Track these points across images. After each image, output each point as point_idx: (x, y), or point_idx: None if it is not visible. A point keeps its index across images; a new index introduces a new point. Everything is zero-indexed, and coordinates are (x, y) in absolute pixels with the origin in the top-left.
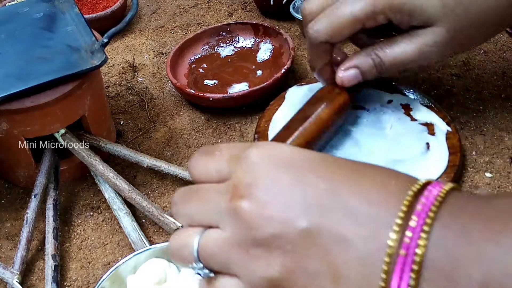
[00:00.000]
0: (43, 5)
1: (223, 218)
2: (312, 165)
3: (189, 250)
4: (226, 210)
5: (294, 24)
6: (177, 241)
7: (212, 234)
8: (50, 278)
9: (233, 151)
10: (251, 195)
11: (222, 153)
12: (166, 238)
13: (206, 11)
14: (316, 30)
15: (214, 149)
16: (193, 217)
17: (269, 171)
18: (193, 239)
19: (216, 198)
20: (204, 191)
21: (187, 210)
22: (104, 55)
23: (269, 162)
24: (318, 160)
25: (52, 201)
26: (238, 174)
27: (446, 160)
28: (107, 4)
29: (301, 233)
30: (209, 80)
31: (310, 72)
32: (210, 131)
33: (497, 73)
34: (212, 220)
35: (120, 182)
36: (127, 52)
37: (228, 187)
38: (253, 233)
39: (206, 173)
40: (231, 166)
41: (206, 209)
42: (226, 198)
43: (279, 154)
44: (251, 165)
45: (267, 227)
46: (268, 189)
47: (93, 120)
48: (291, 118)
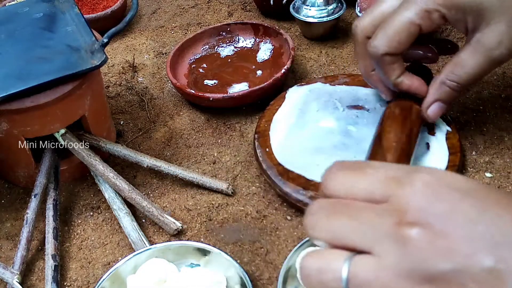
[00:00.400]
0: (43, 5)
1: (383, 244)
2: (493, 196)
3: (335, 275)
4: (389, 236)
5: (294, 24)
6: (316, 264)
7: (366, 260)
8: (50, 278)
9: (391, 172)
10: (424, 223)
11: (376, 172)
12: (166, 238)
13: (206, 11)
14: (374, 45)
15: (365, 166)
16: (339, 235)
17: (445, 199)
18: (340, 263)
19: (374, 219)
20: (356, 208)
21: (332, 225)
22: (104, 55)
23: (445, 189)
24: (495, 191)
25: (52, 201)
26: (404, 198)
27: (446, 160)
28: (107, 4)
29: (487, 270)
30: (209, 80)
31: (310, 72)
32: (210, 131)
33: (497, 73)
34: (365, 243)
35: (120, 182)
36: (127, 52)
37: (390, 210)
38: (426, 265)
39: (350, 189)
40: (390, 188)
41: (359, 230)
42: (389, 221)
43: (454, 181)
44: (422, 190)
45: (446, 261)
46: (446, 218)
47: (93, 120)
48: (375, 137)
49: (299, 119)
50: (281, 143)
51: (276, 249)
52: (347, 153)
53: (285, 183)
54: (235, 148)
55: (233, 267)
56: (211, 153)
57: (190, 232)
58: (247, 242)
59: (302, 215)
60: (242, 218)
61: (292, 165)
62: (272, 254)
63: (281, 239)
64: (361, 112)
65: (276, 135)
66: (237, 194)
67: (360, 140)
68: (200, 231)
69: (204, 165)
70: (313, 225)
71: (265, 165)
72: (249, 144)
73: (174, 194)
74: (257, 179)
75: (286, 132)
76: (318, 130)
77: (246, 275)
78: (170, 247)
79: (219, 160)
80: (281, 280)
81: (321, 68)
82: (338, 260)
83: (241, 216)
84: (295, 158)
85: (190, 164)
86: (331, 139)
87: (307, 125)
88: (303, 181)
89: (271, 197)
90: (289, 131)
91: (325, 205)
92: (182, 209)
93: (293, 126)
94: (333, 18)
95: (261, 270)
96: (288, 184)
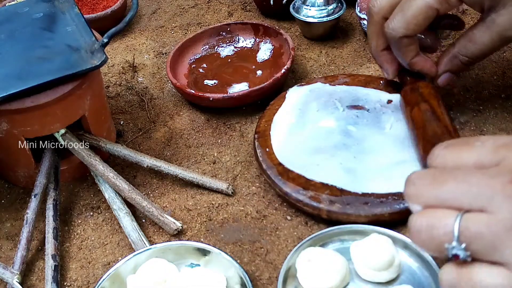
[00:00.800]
0: (43, 5)
1: (496, 201)
2: None
3: (446, 230)
4: (503, 193)
5: (294, 24)
6: (426, 221)
7: (477, 215)
8: (50, 278)
9: (500, 141)
10: None
11: (485, 143)
12: (166, 238)
13: (206, 11)
14: (392, 28)
15: (472, 141)
16: (446, 199)
17: None
18: (451, 219)
19: (486, 180)
20: (464, 173)
21: (438, 190)
22: (104, 55)
23: None
24: None
25: (52, 201)
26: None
27: None
28: (107, 4)
29: None
30: (209, 80)
31: (310, 72)
32: (210, 131)
33: (497, 73)
34: (477, 203)
35: (120, 182)
36: (127, 52)
37: (502, 171)
38: None
39: (458, 160)
40: (500, 154)
41: (470, 191)
42: (502, 180)
43: None
44: None
45: None
46: None
47: (93, 120)
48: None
49: (299, 119)
50: (281, 143)
51: (276, 249)
52: (347, 153)
53: (285, 183)
54: (235, 148)
55: (233, 267)
56: (211, 153)
57: (190, 232)
58: (247, 242)
59: (302, 215)
60: (242, 218)
61: (292, 165)
62: (272, 254)
63: (281, 239)
64: (361, 112)
65: (276, 135)
66: (237, 194)
67: (360, 140)
68: (200, 231)
69: (204, 165)
70: (414, 193)
71: (265, 165)
72: (249, 144)
73: (174, 194)
74: (257, 179)
75: (286, 132)
76: (318, 130)
77: (246, 275)
78: (170, 247)
79: (219, 160)
80: (281, 280)
81: (321, 68)
82: (448, 216)
83: (241, 216)
84: (295, 158)
85: (190, 164)
86: (331, 139)
87: (307, 125)
88: (303, 181)
89: (271, 197)
90: (289, 131)
91: (428, 173)
92: (182, 209)
93: (293, 126)
94: (333, 18)
95: (261, 270)
96: (288, 184)
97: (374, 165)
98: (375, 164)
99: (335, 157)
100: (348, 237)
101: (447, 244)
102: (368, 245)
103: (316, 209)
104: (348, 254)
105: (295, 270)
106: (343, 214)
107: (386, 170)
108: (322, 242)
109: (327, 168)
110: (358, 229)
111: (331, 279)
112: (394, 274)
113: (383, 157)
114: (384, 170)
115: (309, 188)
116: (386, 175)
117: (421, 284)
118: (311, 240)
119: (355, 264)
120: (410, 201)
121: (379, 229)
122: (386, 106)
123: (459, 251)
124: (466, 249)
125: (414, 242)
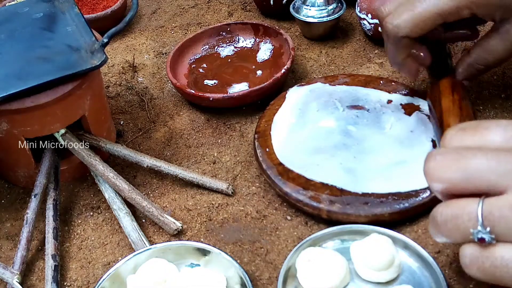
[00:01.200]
0: (43, 5)
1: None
2: None
3: (470, 216)
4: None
5: (294, 24)
6: (450, 211)
7: (498, 199)
8: (50, 278)
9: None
10: None
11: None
12: (166, 238)
13: (206, 11)
14: (397, 25)
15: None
16: (472, 175)
17: None
18: (474, 206)
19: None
20: (491, 151)
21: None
22: (104, 55)
23: None
24: None
25: (52, 201)
26: None
27: None
28: (107, 4)
29: None
30: (209, 80)
31: (310, 72)
32: (210, 131)
33: (497, 73)
34: (504, 181)
35: (120, 182)
36: (127, 52)
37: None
38: None
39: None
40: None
41: (498, 168)
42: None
43: None
44: None
45: None
46: None
47: (93, 120)
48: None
49: (299, 119)
50: (281, 143)
51: (276, 249)
52: (347, 153)
53: (285, 183)
54: (235, 148)
55: (233, 267)
56: (211, 153)
57: (190, 232)
58: (247, 242)
59: (302, 215)
60: (242, 218)
61: (292, 165)
62: (272, 254)
63: (281, 239)
64: (361, 112)
65: (276, 135)
66: (237, 194)
67: (360, 140)
68: (200, 231)
69: (204, 165)
70: (439, 166)
71: (265, 165)
72: (249, 144)
73: (174, 194)
74: (257, 179)
75: (286, 132)
76: (318, 130)
77: (246, 275)
78: (170, 247)
79: (219, 160)
80: (281, 280)
81: (321, 68)
82: (471, 204)
83: (241, 216)
84: (295, 158)
85: (190, 164)
86: (331, 139)
87: (307, 125)
88: (303, 181)
89: (271, 197)
90: (289, 131)
91: (452, 150)
92: (182, 209)
93: (293, 126)
94: (333, 18)
95: (261, 270)
96: (288, 184)
97: (374, 165)
98: (375, 164)
99: (335, 157)
100: (348, 237)
101: (472, 229)
102: (368, 245)
103: (316, 209)
104: (348, 254)
105: (295, 270)
106: (343, 214)
107: (386, 170)
108: (322, 242)
109: (327, 168)
110: (358, 229)
111: (331, 279)
112: (394, 274)
113: (383, 157)
114: (384, 170)
115: (309, 188)
116: (386, 175)
117: (421, 284)
118: (311, 240)
119: (355, 264)
120: (430, 178)
121: (379, 229)
122: (386, 106)
123: (484, 234)
124: (491, 232)
125: (439, 232)
